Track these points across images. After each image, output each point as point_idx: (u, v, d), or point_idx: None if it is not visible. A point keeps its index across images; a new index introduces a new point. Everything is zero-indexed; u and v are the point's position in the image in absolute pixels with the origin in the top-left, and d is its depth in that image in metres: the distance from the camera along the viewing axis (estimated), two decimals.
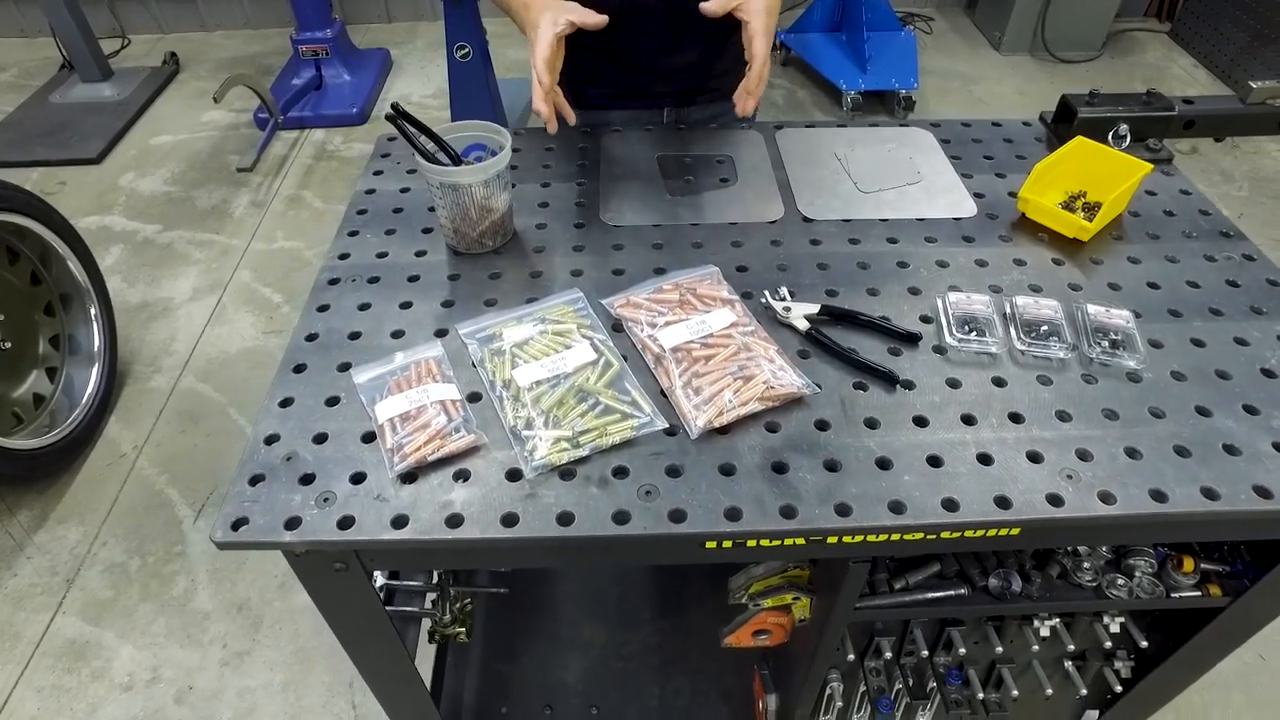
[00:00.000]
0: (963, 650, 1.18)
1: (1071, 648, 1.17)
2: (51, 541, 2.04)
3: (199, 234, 2.97)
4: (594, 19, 1.15)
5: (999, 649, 1.18)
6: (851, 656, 1.24)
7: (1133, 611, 1.21)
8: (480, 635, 1.61)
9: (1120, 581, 1.05)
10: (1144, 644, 1.16)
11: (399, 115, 1.08)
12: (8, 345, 2.02)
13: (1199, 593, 1.05)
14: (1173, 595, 1.05)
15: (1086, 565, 1.06)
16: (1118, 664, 1.26)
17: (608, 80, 1.44)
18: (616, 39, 1.23)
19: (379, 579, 1.08)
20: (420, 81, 4.01)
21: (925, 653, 1.22)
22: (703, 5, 1.17)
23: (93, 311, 2.20)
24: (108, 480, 2.16)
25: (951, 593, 1.05)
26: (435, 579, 1.23)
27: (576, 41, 1.16)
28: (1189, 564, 1.05)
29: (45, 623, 1.89)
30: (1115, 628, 1.17)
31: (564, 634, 1.61)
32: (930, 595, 1.05)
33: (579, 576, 1.46)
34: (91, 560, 2.00)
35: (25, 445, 1.98)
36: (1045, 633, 1.17)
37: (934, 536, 0.86)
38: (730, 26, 1.17)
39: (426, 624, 1.25)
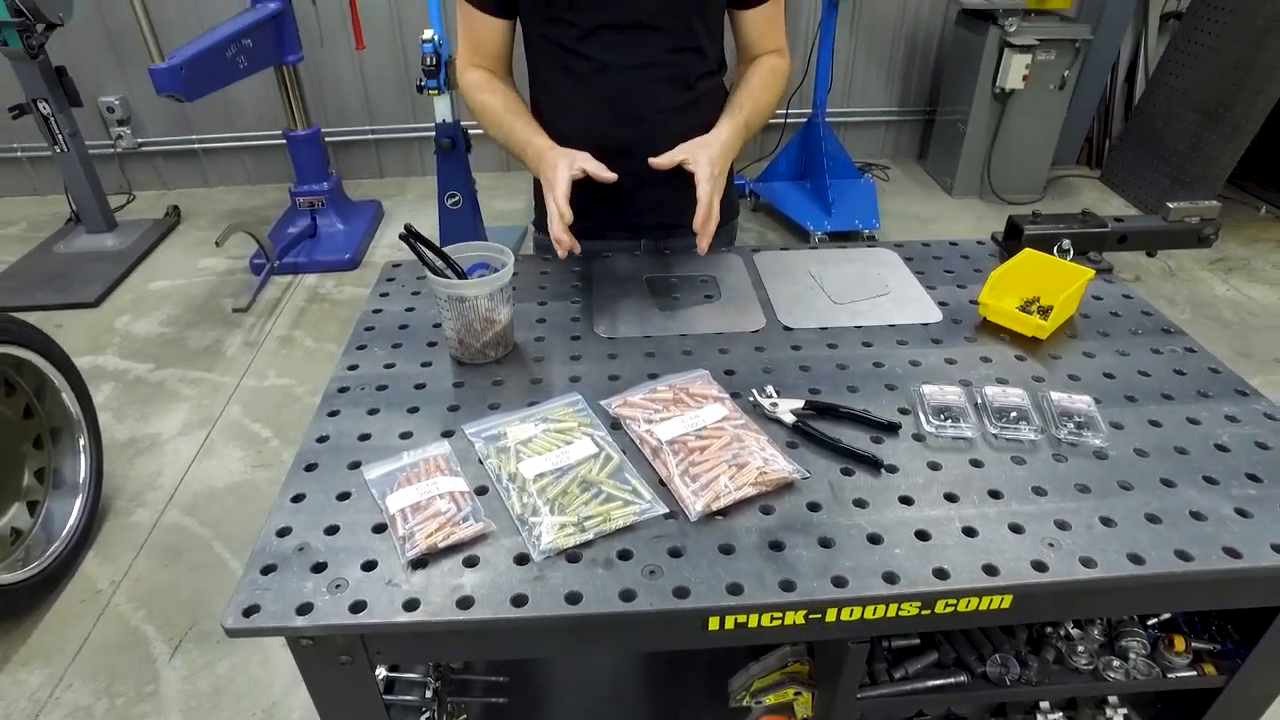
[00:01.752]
0: None
1: None
2: (10, 686, 1.94)
3: (191, 372, 3.02)
4: (606, 173, 1.30)
5: None
6: None
7: (1136, 703, 1.21)
8: None
9: (1116, 664, 1.07)
10: None
11: (411, 236, 1.18)
12: None
13: (1194, 672, 1.06)
14: (1169, 676, 1.06)
15: (1081, 649, 1.08)
16: None
17: (591, 213, 1.57)
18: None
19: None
20: None
21: None
22: (651, 160, 1.32)
23: (81, 442, 2.22)
24: (80, 618, 2.09)
25: (951, 680, 1.05)
26: (431, 693, 1.20)
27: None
28: (1180, 643, 1.07)
29: None
30: (1119, 718, 1.17)
31: None
32: (930, 684, 1.05)
33: (576, 691, 1.42)
34: (53, 704, 1.90)
35: None
36: None
37: (929, 611, 0.89)
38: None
39: None
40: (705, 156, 1.31)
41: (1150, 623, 1.13)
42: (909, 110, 4.94)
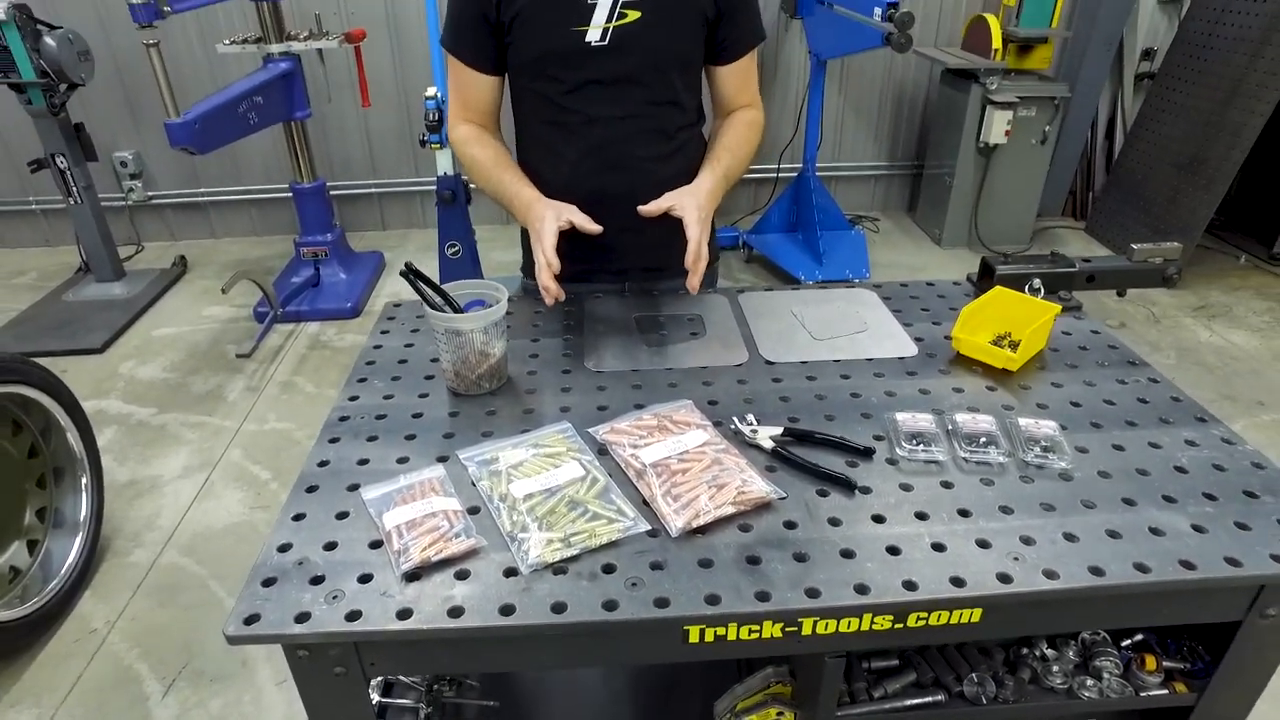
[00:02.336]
0: None
1: None
2: None
3: (193, 416, 3.07)
4: (592, 225, 1.38)
5: None
6: None
7: None
8: None
9: (1090, 683, 1.10)
10: None
11: (412, 273, 1.25)
12: None
13: (1165, 691, 1.09)
14: (1141, 694, 1.09)
15: (1056, 669, 1.11)
16: None
17: (577, 258, 1.63)
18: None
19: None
20: None
21: None
22: (640, 208, 1.40)
23: (84, 481, 2.25)
24: (73, 657, 2.10)
25: (929, 700, 1.08)
26: (423, 718, 1.22)
27: None
28: (1151, 662, 1.10)
29: None
30: None
31: None
32: (909, 703, 1.08)
33: (566, 717, 1.44)
34: None
35: None
36: None
37: (901, 625, 0.93)
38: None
39: None
40: (692, 202, 1.39)
41: (1124, 644, 1.16)
42: (898, 164, 5.10)
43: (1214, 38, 3.99)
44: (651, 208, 1.40)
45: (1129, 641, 1.17)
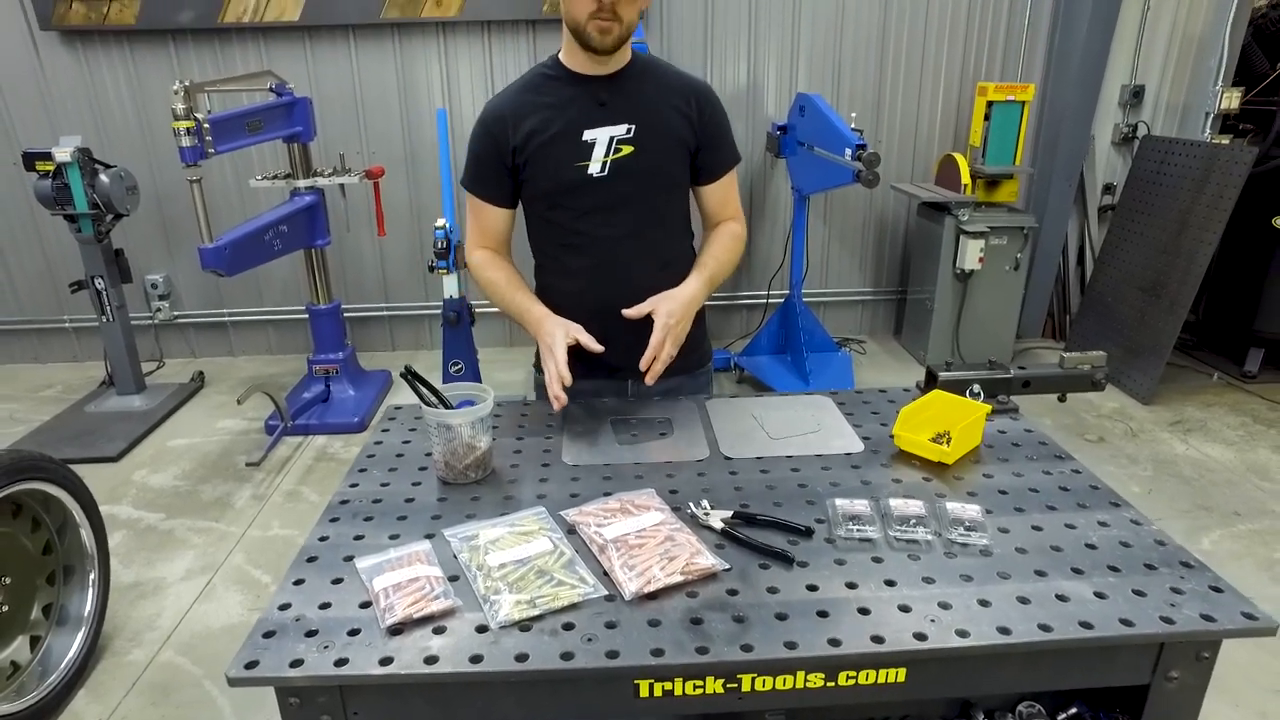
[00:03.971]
0: None
1: None
2: None
3: (200, 521, 3.19)
4: (595, 345, 1.60)
5: None
6: None
7: None
8: None
9: None
10: None
11: (411, 375, 1.42)
12: (4, 609, 2.14)
13: None
14: None
15: None
16: None
17: (580, 358, 1.81)
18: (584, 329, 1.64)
19: None
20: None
21: None
22: (624, 311, 1.61)
23: (91, 577, 2.35)
24: None
25: None
26: None
27: None
28: None
29: None
30: None
31: None
32: None
33: None
34: None
35: None
36: None
37: (833, 683, 1.03)
38: None
39: None
40: (665, 308, 1.60)
41: (1060, 717, 1.24)
42: (883, 290, 5.38)
43: (1162, 175, 4.34)
44: (634, 311, 1.61)
45: (1064, 715, 1.24)
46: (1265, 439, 3.85)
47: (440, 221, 3.47)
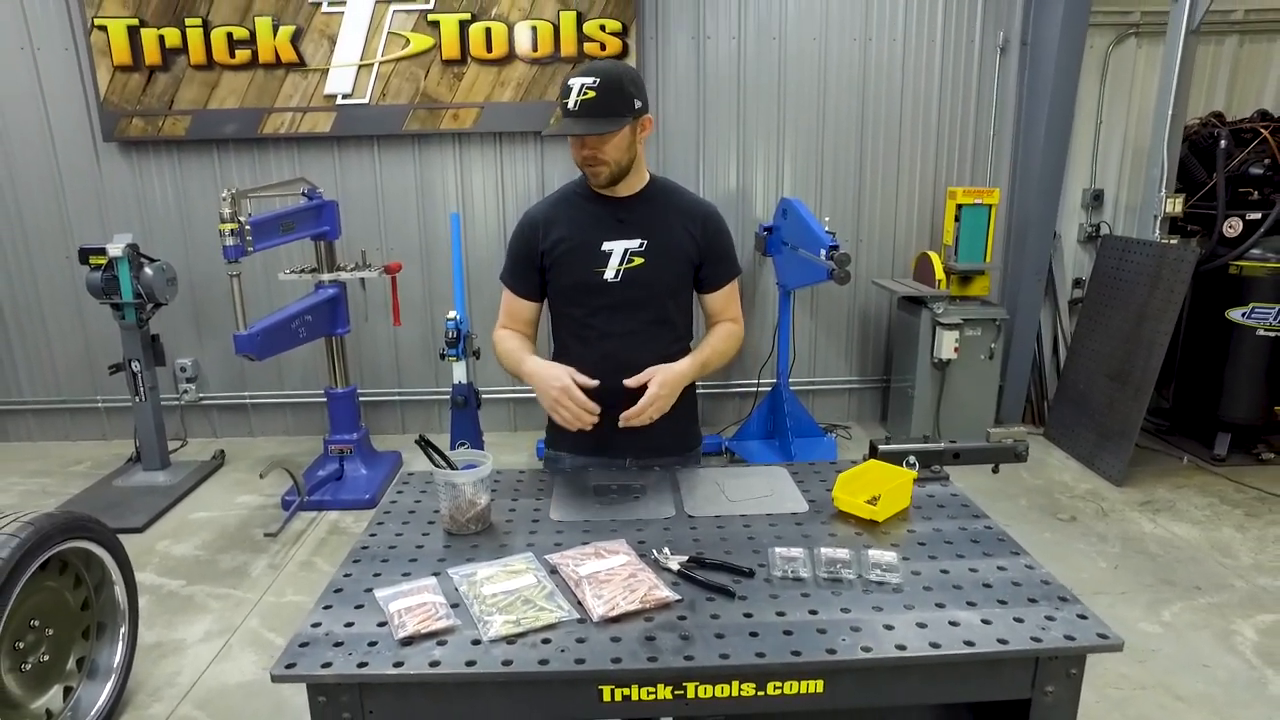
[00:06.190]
0: None
1: None
2: None
3: (218, 588, 3.40)
4: (590, 381, 1.88)
5: None
6: None
7: None
8: None
9: None
10: None
11: (424, 442, 1.70)
12: (46, 659, 2.35)
13: None
14: None
15: None
16: None
17: (590, 439, 2.00)
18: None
19: None
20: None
21: None
22: (625, 380, 1.88)
23: (122, 631, 2.55)
24: None
25: None
26: None
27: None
28: None
29: None
30: None
31: None
32: None
33: None
34: None
35: None
36: None
37: (762, 692, 1.26)
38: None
39: None
40: (659, 378, 1.89)
41: None
42: (868, 379, 5.66)
43: (1121, 271, 4.68)
44: (633, 381, 1.89)
45: None
46: (1230, 518, 4.04)
47: (451, 314, 3.81)
